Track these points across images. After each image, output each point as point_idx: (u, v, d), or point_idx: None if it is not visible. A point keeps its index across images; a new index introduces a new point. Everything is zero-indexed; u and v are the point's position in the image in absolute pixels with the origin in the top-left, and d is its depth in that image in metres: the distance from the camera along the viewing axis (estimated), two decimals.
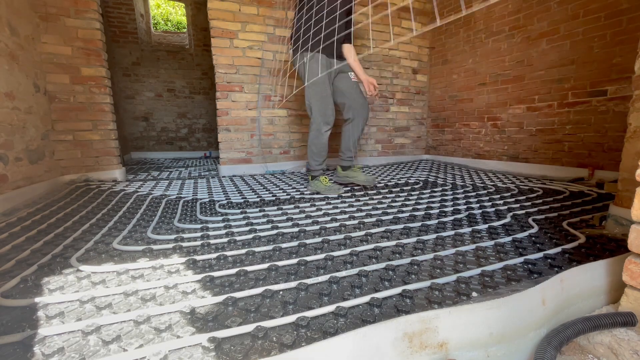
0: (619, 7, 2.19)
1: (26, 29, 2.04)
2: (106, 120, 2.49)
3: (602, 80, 2.31)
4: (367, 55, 3.56)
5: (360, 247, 1.15)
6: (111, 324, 0.72)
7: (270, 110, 3.19)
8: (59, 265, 1.01)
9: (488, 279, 0.90)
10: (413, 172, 3.11)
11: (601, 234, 1.25)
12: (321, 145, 2.13)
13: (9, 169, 1.76)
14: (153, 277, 0.95)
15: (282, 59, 3.14)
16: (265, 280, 0.92)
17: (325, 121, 2.07)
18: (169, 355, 0.62)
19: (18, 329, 0.70)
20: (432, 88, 4.01)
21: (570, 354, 0.70)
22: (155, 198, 1.99)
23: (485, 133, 3.33)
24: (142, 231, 1.36)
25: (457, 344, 0.64)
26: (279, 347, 0.63)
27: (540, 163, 2.81)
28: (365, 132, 3.73)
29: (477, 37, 3.29)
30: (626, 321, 0.70)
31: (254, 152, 3.17)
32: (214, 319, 0.73)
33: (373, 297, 0.79)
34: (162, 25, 8.48)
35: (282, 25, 3.09)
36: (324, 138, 2.12)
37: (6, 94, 1.77)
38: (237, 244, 1.22)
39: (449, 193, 2.09)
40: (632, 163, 1.16)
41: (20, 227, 1.39)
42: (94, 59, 2.39)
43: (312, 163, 2.19)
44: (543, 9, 2.66)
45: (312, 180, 2.19)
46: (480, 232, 1.31)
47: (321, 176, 2.17)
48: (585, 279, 0.83)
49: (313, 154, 2.16)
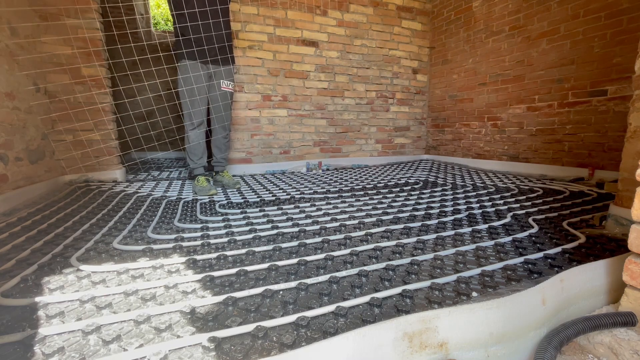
0: (619, 6, 2.18)
1: (26, 29, 2.04)
2: (106, 120, 2.48)
3: (603, 80, 2.31)
4: (367, 55, 3.56)
5: (361, 247, 1.15)
6: (111, 323, 0.72)
7: (271, 110, 3.19)
8: (59, 265, 1.01)
9: (488, 278, 0.90)
10: (413, 172, 3.10)
11: (601, 233, 1.25)
12: (192, 145, 2.23)
13: (9, 169, 1.76)
14: (153, 276, 0.95)
15: (282, 58, 3.15)
16: (265, 280, 0.92)
17: (189, 120, 2.19)
18: (169, 355, 0.62)
19: (18, 329, 0.70)
20: (432, 88, 4.01)
21: (570, 353, 0.70)
22: (155, 198, 1.99)
23: (486, 133, 3.33)
24: (142, 231, 1.36)
25: (457, 344, 0.64)
26: (279, 347, 0.63)
27: (541, 163, 2.80)
28: (365, 132, 3.74)
29: (477, 37, 3.29)
30: (626, 321, 0.70)
31: (254, 152, 3.17)
32: (214, 318, 0.73)
33: (373, 297, 0.79)
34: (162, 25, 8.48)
35: (282, 25, 3.09)
36: (191, 137, 2.22)
37: (6, 94, 1.77)
38: (237, 243, 1.22)
39: (449, 193, 2.09)
40: (632, 163, 1.16)
41: (20, 226, 1.39)
42: (94, 59, 2.38)
43: (189, 162, 2.33)
44: (543, 9, 2.65)
45: (193, 180, 2.30)
46: (480, 232, 1.31)
47: (200, 176, 2.25)
48: (586, 278, 0.83)
49: (187, 153, 2.28)
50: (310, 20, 3.21)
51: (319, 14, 3.25)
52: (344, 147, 3.66)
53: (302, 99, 3.32)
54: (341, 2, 3.33)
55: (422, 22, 3.84)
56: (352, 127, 3.66)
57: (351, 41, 3.45)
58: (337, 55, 3.41)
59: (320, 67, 3.35)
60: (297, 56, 3.22)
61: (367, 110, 3.71)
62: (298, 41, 3.19)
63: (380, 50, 3.64)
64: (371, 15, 3.52)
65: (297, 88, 3.28)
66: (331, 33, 3.34)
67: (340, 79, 3.47)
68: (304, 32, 3.20)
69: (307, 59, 3.27)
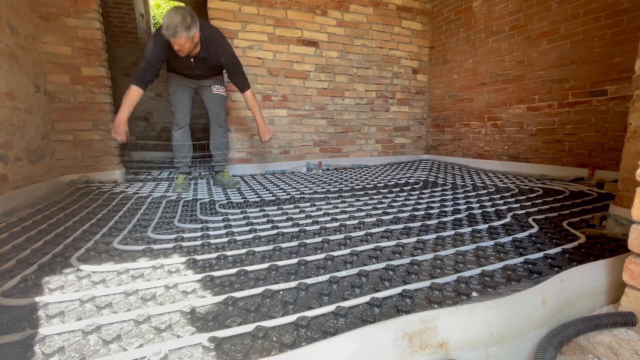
0: (619, 6, 2.18)
1: (26, 29, 2.04)
2: (106, 120, 2.48)
3: (603, 80, 2.31)
4: (367, 55, 3.56)
5: (361, 247, 1.15)
6: (111, 323, 0.72)
7: (271, 110, 3.19)
8: (59, 265, 1.01)
9: (488, 278, 0.90)
10: (413, 172, 3.10)
11: (601, 233, 1.25)
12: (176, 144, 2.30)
13: (9, 169, 1.76)
14: (153, 276, 0.95)
15: (282, 58, 3.15)
16: (265, 280, 0.92)
17: (175, 122, 2.27)
18: (169, 354, 0.62)
19: (18, 329, 0.70)
20: (432, 88, 4.01)
21: (570, 353, 0.70)
22: (155, 198, 1.99)
23: (486, 133, 3.33)
24: (143, 231, 1.36)
25: (457, 344, 0.64)
26: (279, 347, 0.63)
27: (541, 163, 2.80)
28: (365, 132, 3.74)
29: (477, 36, 3.29)
30: (626, 321, 0.70)
31: (254, 152, 3.17)
32: (214, 318, 0.73)
33: (373, 297, 0.79)
34: None
35: (282, 25, 3.09)
36: (175, 137, 2.28)
37: (6, 94, 1.77)
38: (237, 243, 1.22)
39: (449, 193, 2.09)
40: (632, 163, 1.16)
41: (20, 226, 1.39)
42: (94, 59, 2.38)
43: (174, 160, 2.39)
44: (543, 9, 2.65)
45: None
46: (480, 232, 1.31)
47: (181, 174, 2.36)
48: (586, 278, 0.83)
49: (174, 151, 2.34)
50: (310, 20, 3.21)
51: (319, 14, 3.25)
52: (344, 147, 3.66)
53: (302, 99, 3.32)
54: (341, 2, 3.33)
55: (422, 22, 3.85)
56: (352, 127, 3.66)
57: (351, 41, 3.45)
58: (337, 55, 3.41)
59: (320, 67, 3.35)
60: (297, 56, 3.22)
61: (367, 110, 3.71)
62: (298, 41, 3.19)
63: (380, 50, 3.64)
64: (371, 15, 3.52)
65: (297, 88, 3.28)
66: (331, 33, 3.34)
67: (340, 79, 3.47)
68: (304, 32, 3.20)
69: (307, 59, 3.27)
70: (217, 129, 2.39)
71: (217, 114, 2.37)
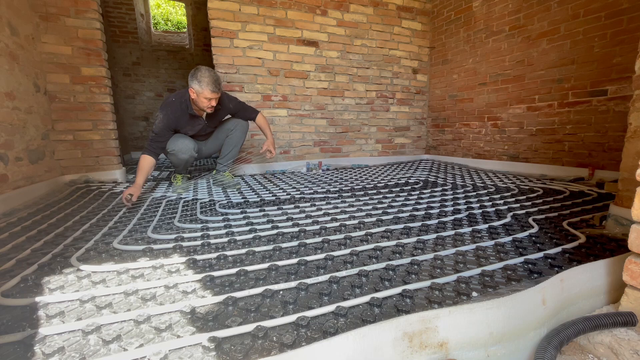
0: (619, 6, 2.18)
1: (26, 29, 2.04)
2: (106, 120, 2.49)
3: (603, 80, 2.31)
4: (367, 54, 3.56)
5: (361, 246, 1.15)
6: (111, 323, 0.72)
7: (271, 110, 3.19)
8: (59, 265, 1.01)
9: (488, 278, 0.90)
10: (413, 172, 3.10)
11: (601, 233, 1.25)
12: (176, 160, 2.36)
13: (9, 169, 1.76)
14: (153, 276, 0.95)
15: (282, 58, 3.15)
16: (265, 280, 0.92)
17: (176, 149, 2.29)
18: (169, 354, 0.62)
19: (18, 328, 0.70)
20: (432, 88, 4.01)
21: (570, 353, 0.70)
22: (155, 198, 2.00)
23: (486, 133, 3.33)
24: (143, 231, 1.36)
25: (457, 344, 0.64)
26: (279, 347, 0.63)
27: (541, 163, 2.80)
28: (366, 132, 3.74)
29: (477, 36, 3.29)
30: (626, 321, 0.70)
31: (255, 152, 3.17)
32: (214, 318, 0.73)
33: (373, 296, 0.79)
34: (162, 25, 8.48)
35: (282, 25, 3.09)
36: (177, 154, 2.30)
37: (6, 94, 1.77)
38: (237, 243, 1.22)
39: (449, 193, 2.09)
40: (632, 163, 1.16)
41: (20, 226, 1.39)
42: (94, 59, 2.39)
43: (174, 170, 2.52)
44: (543, 9, 2.65)
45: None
46: (480, 232, 1.31)
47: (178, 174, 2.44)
48: (586, 278, 0.83)
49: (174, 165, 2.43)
50: (310, 20, 3.21)
51: (319, 14, 3.25)
52: (344, 147, 3.66)
53: (302, 99, 3.32)
54: (341, 2, 3.33)
55: (422, 22, 3.84)
56: (352, 127, 3.66)
57: (351, 41, 3.45)
58: (337, 55, 3.41)
59: (320, 67, 3.35)
60: (297, 56, 3.22)
61: (367, 110, 3.71)
62: (298, 41, 3.19)
63: (380, 50, 3.64)
64: (371, 15, 3.52)
65: (297, 88, 3.28)
66: (331, 33, 3.34)
67: (340, 78, 3.47)
68: (304, 32, 3.20)
69: (307, 59, 3.27)
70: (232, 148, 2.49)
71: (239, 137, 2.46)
